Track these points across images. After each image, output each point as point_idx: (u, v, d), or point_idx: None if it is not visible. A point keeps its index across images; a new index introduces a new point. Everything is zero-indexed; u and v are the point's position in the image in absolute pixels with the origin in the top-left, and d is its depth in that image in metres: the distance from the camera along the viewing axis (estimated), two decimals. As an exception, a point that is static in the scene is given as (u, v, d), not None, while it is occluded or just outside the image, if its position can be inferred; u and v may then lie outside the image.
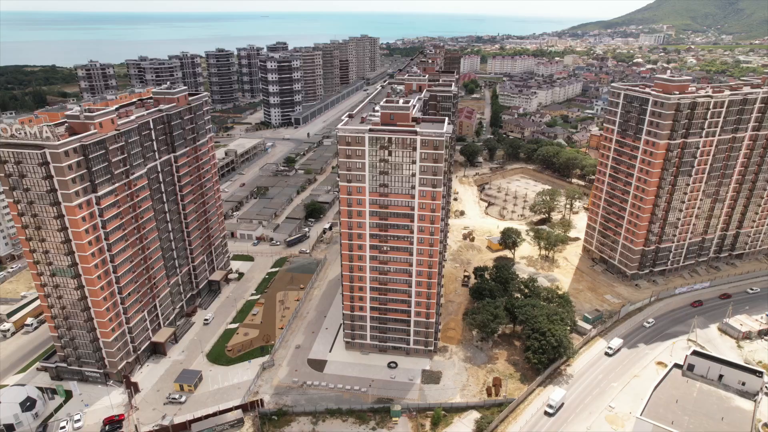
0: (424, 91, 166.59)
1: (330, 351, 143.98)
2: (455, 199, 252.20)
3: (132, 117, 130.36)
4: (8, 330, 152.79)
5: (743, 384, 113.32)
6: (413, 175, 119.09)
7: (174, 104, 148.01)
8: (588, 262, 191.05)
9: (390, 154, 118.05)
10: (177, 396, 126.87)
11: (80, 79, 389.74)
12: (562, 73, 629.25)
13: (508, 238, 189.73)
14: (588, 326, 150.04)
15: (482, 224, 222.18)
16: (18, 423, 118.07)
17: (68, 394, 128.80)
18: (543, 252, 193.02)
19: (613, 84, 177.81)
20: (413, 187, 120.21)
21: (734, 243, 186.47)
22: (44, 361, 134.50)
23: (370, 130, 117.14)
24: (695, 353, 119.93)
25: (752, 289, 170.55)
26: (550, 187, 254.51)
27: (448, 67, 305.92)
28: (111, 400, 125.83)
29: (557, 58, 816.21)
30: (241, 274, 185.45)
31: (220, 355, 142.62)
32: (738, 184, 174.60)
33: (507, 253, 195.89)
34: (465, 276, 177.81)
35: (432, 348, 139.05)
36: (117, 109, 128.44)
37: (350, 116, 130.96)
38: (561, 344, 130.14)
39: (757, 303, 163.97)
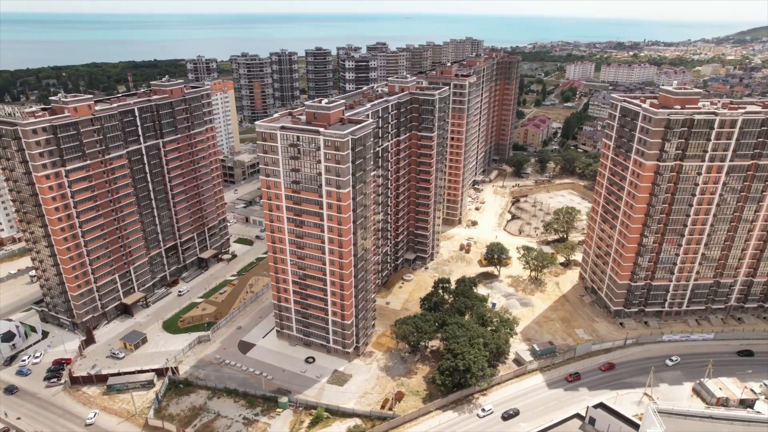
0: (401, 93, 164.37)
1: (264, 337, 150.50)
2: (477, 209, 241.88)
3: (114, 105, 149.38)
4: (35, 276, 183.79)
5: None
6: (319, 174, 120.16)
7: (166, 95, 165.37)
8: (581, 290, 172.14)
9: (299, 152, 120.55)
10: (117, 352, 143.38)
11: (188, 71, 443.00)
12: (687, 84, 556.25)
13: (494, 254, 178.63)
14: (529, 358, 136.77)
15: (489, 237, 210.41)
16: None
17: (44, 334, 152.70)
18: (533, 273, 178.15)
19: (612, 95, 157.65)
20: (320, 187, 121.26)
21: (767, 293, 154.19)
22: (35, 305, 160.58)
23: (282, 128, 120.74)
24: (599, 406, 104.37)
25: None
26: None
27: (501, 73, 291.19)
28: (69, 345, 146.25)
29: (696, 68, 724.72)
30: (234, 256, 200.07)
31: (172, 324, 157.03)
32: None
33: (495, 269, 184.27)
34: (434, 287, 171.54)
35: (350, 350, 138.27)
36: (107, 100, 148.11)
37: (290, 113, 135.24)
38: (469, 369, 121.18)
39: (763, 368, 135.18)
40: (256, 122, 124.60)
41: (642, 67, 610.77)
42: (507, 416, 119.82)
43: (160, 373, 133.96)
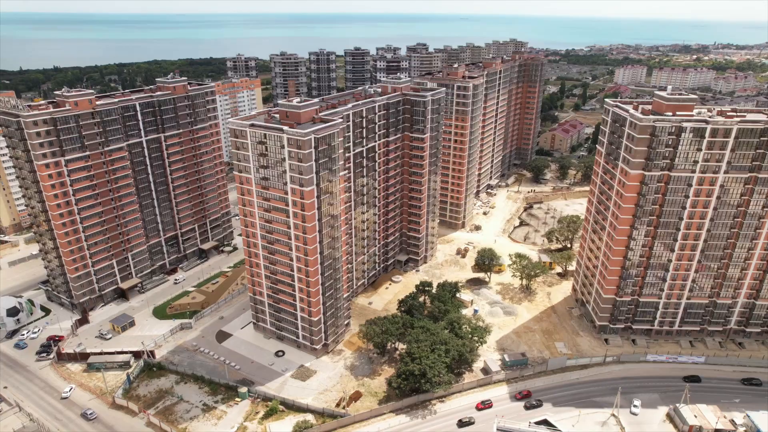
0: (392, 94, 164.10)
1: (242, 328, 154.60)
2: (485, 213, 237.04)
3: (116, 99, 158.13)
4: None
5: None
6: (284, 172, 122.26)
7: (169, 92, 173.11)
8: (571, 302, 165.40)
9: (266, 149, 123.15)
10: (105, 333, 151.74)
11: (228, 69, 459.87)
12: (747, 90, 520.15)
13: (484, 260, 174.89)
14: (497, 368, 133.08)
15: (490, 243, 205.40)
16: (2, 324, 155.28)
17: (46, 312, 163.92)
18: (524, 282, 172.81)
19: (606, 100, 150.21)
20: (285, 184, 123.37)
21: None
22: (42, 284, 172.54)
23: (251, 125, 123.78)
24: (543, 423, 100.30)
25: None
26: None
27: (524, 75, 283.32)
28: (65, 324, 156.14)
29: (765, 73, 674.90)
30: (235, 248, 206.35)
31: (161, 310, 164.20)
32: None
33: (486, 275, 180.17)
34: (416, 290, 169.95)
35: (318, 347, 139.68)
36: (111, 95, 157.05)
37: (268, 112, 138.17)
38: (425, 375, 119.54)
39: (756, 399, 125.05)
40: (229, 119, 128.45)
41: (698, 72, 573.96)
42: (461, 424, 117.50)
43: (138, 355, 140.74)
